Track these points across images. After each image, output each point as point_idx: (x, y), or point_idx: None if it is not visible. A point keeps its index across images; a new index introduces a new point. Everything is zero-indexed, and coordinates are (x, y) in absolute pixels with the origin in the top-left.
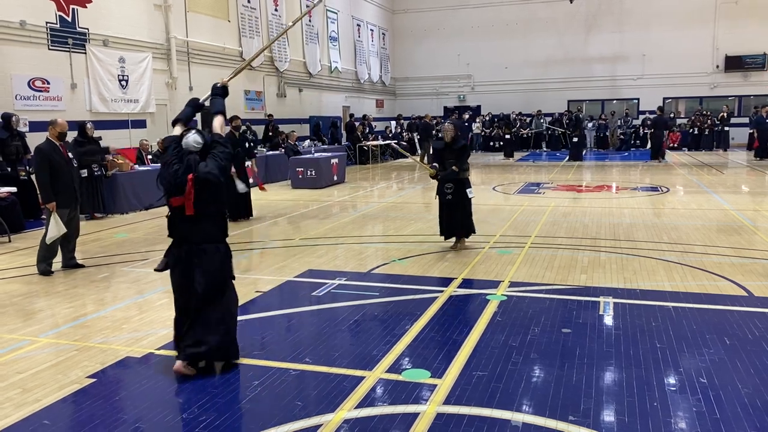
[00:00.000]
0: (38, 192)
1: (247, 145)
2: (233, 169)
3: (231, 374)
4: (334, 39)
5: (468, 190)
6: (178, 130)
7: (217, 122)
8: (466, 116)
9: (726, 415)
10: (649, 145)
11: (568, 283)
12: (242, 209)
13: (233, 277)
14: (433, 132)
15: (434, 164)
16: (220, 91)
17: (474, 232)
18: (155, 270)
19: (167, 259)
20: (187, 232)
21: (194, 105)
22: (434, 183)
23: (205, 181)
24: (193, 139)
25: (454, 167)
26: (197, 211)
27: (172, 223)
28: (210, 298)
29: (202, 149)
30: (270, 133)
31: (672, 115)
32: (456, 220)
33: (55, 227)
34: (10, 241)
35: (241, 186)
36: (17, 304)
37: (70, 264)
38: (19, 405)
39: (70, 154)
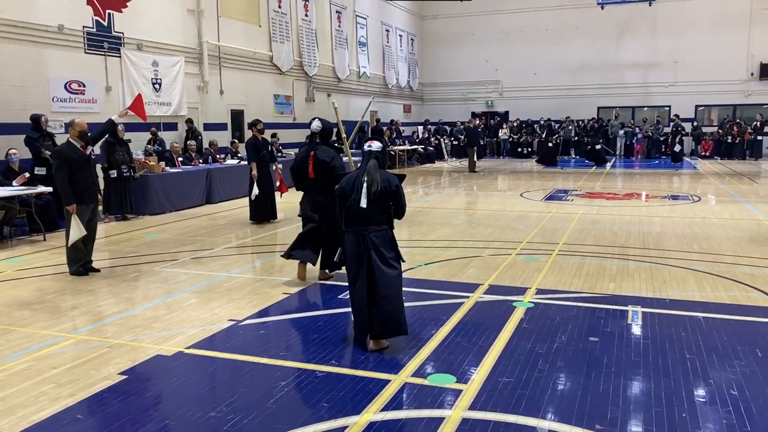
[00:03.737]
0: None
1: (269, 148)
2: (253, 171)
3: (259, 375)
4: (363, 44)
5: None
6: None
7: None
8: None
9: (757, 428)
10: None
11: (596, 291)
12: (268, 212)
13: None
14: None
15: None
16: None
17: None
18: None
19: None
20: (310, 188)
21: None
22: (463, 187)
23: (322, 162)
24: (315, 124)
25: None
26: (316, 174)
27: (303, 180)
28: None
29: (321, 132)
30: (187, 141)
31: (695, 124)
32: None
33: (76, 229)
34: (44, 239)
35: (255, 191)
36: (51, 301)
37: (86, 267)
38: (54, 399)
39: (89, 152)
